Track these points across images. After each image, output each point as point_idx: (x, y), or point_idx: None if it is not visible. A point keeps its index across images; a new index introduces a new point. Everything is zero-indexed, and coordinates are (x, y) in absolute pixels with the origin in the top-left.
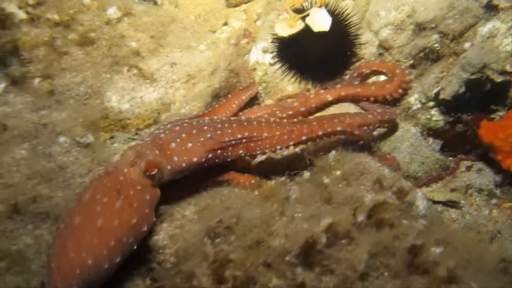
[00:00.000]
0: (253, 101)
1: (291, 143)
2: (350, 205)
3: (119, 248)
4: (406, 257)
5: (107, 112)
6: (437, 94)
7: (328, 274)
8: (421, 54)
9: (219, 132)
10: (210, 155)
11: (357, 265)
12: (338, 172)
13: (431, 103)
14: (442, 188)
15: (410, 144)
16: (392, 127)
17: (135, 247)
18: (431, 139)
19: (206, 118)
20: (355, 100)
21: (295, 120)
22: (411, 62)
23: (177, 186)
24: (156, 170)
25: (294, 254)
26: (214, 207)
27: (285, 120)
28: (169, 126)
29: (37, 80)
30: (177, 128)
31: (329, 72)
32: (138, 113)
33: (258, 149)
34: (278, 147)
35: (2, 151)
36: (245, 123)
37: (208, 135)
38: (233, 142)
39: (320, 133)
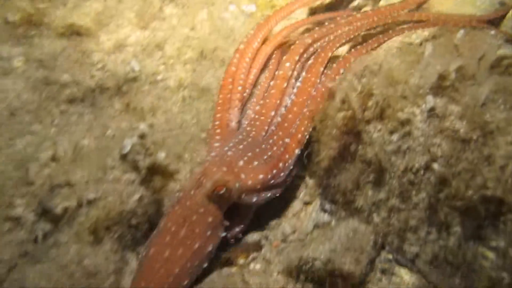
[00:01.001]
0: None
1: None
2: (476, 57)
3: (184, 273)
4: None
5: None
6: None
7: (454, 103)
8: None
9: (274, 147)
10: (274, 171)
11: (479, 97)
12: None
13: None
14: None
15: None
16: None
17: (205, 265)
18: None
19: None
20: None
21: None
22: None
23: None
24: (224, 189)
25: (427, 87)
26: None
27: None
28: (231, 144)
29: None
30: (241, 147)
31: None
32: None
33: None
34: None
35: (190, 13)
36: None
37: (269, 153)
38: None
39: None
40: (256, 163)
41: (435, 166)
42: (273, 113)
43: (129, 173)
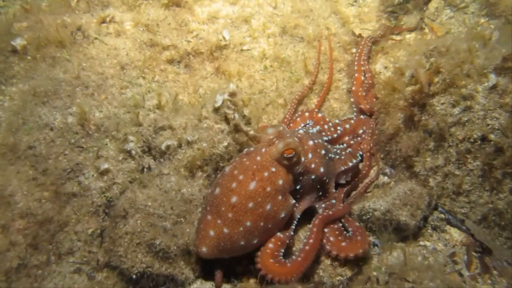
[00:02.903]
0: None
1: None
2: None
3: (256, 230)
4: None
5: None
6: None
7: None
8: None
9: (337, 157)
10: (327, 180)
11: None
12: None
13: None
14: None
15: None
16: None
17: (276, 231)
18: None
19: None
20: None
21: None
22: None
23: None
24: (293, 153)
25: (491, 67)
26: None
27: None
28: (300, 127)
29: None
30: (311, 132)
31: None
32: None
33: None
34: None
35: None
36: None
37: (331, 155)
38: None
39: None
40: (323, 152)
41: (492, 136)
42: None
43: (219, 124)
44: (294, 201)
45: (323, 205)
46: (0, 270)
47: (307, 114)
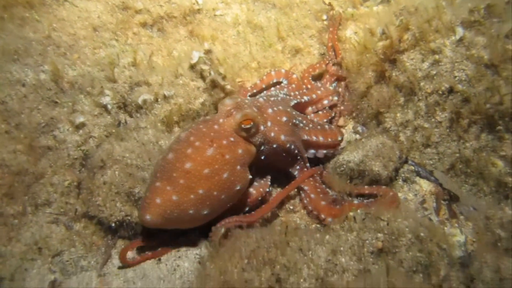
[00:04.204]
0: None
1: None
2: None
3: (208, 199)
4: None
5: None
6: None
7: (480, 35)
8: None
9: (301, 125)
10: (292, 146)
11: (503, 30)
12: None
13: None
14: None
15: None
16: None
17: (228, 206)
18: None
19: (285, 95)
20: None
21: None
22: None
23: None
24: (252, 123)
25: (458, 21)
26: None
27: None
28: (263, 94)
29: None
30: (272, 98)
31: None
32: None
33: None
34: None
35: None
36: (319, 126)
37: (296, 122)
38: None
39: None
40: (284, 119)
41: (459, 87)
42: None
43: (195, 81)
44: (250, 176)
45: (298, 168)
46: None
47: (283, 71)
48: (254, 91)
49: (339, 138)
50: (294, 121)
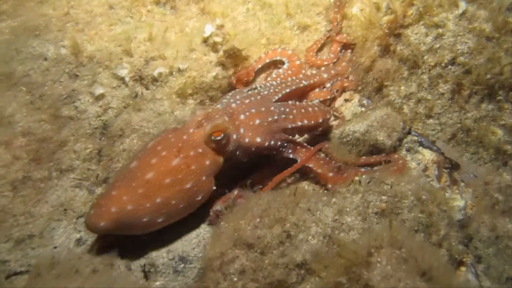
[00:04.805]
0: None
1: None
2: None
3: (165, 208)
4: None
5: None
6: None
7: (483, 8)
8: None
9: (283, 115)
10: (272, 142)
11: (505, 3)
12: None
13: None
14: None
15: None
16: None
17: (186, 214)
18: None
19: (266, 91)
20: None
21: None
22: None
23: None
24: (222, 134)
25: None
26: None
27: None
28: (238, 97)
29: None
30: (247, 101)
31: None
32: None
33: (300, 155)
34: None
35: None
36: (303, 109)
37: (275, 117)
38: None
39: None
40: (258, 121)
41: (461, 59)
42: (288, 90)
43: (207, 56)
44: (214, 187)
45: (290, 151)
46: (6, 180)
47: (289, 52)
48: (259, 65)
49: (327, 116)
50: (273, 118)
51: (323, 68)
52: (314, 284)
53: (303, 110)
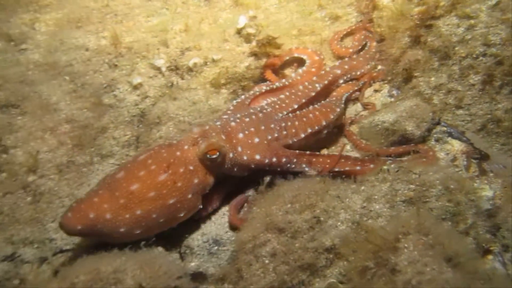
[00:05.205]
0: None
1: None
2: None
3: (144, 220)
4: None
5: None
6: None
7: None
8: None
9: (284, 132)
10: (274, 159)
11: None
12: None
13: None
14: None
15: None
16: None
17: (165, 229)
18: None
19: (269, 108)
20: None
21: None
22: None
23: None
24: (217, 153)
25: None
26: None
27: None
28: (239, 115)
29: None
30: (247, 119)
31: None
32: None
33: (319, 165)
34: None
35: None
36: (304, 118)
37: (275, 135)
38: (297, 151)
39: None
40: (257, 140)
41: (493, 50)
42: (296, 106)
43: (240, 46)
44: (201, 206)
45: (304, 166)
46: (53, 164)
47: (309, 50)
48: (287, 57)
49: (331, 117)
50: (272, 136)
51: (337, 64)
52: (342, 267)
53: (304, 119)
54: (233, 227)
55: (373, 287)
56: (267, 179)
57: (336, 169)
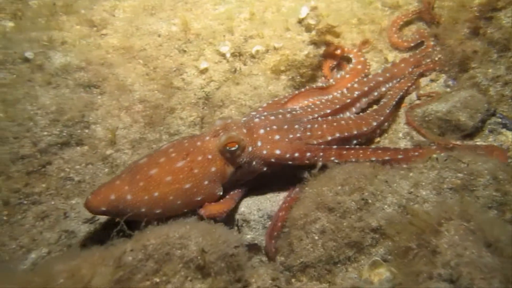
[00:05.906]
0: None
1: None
2: None
3: (162, 202)
4: None
5: None
6: None
7: None
8: None
9: (308, 133)
10: (296, 154)
11: None
12: None
13: None
14: None
15: None
16: None
17: (184, 211)
18: None
19: (299, 111)
20: None
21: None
22: None
23: None
24: (236, 146)
25: None
26: None
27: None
28: (266, 113)
29: None
30: (272, 117)
31: None
32: None
33: (351, 157)
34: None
35: None
36: (335, 123)
37: (298, 135)
38: (322, 146)
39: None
40: (277, 137)
41: None
42: (329, 110)
43: (301, 35)
44: (220, 193)
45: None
46: (127, 140)
47: (355, 50)
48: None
49: (364, 129)
50: (294, 135)
51: (379, 71)
52: (387, 247)
53: (335, 124)
54: (268, 257)
55: (414, 266)
56: (320, 164)
57: (387, 158)
